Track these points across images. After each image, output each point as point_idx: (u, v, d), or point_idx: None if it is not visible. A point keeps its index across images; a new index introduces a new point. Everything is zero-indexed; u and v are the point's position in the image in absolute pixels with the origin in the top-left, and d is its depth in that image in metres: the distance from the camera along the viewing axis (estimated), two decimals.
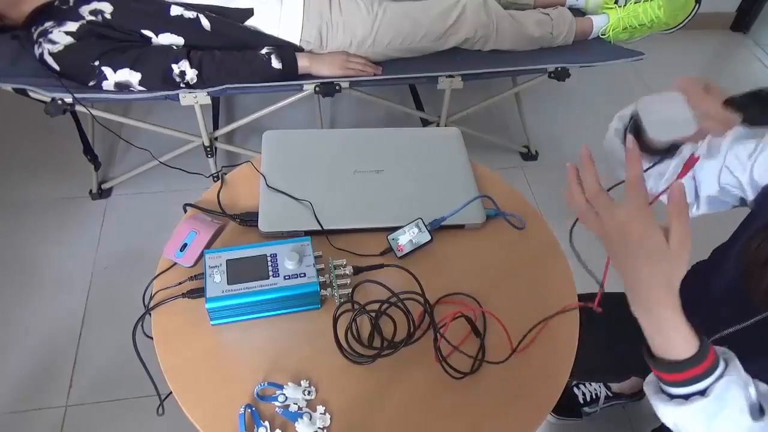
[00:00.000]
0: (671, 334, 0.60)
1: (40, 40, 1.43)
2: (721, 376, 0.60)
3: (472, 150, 1.12)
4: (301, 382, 0.80)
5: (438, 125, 1.86)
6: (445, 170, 1.07)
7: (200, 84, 1.49)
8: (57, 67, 1.42)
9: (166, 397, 0.84)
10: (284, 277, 0.84)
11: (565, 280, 0.96)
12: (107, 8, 1.45)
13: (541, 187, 1.97)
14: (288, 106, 1.65)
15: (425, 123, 1.98)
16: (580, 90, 2.26)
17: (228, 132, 1.82)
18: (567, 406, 1.48)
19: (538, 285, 0.93)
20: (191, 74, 1.46)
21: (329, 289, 0.87)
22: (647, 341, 0.63)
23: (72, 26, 1.42)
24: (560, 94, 2.24)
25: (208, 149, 1.73)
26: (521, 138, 2.11)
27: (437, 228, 0.98)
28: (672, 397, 0.62)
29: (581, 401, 1.47)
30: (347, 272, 0.88)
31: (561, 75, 1.70)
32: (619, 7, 1.79)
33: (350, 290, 0.87)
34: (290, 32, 1.57)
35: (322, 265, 0.88)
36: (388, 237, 0.95)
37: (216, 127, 1.91)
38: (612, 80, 2.32)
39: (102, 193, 1.80)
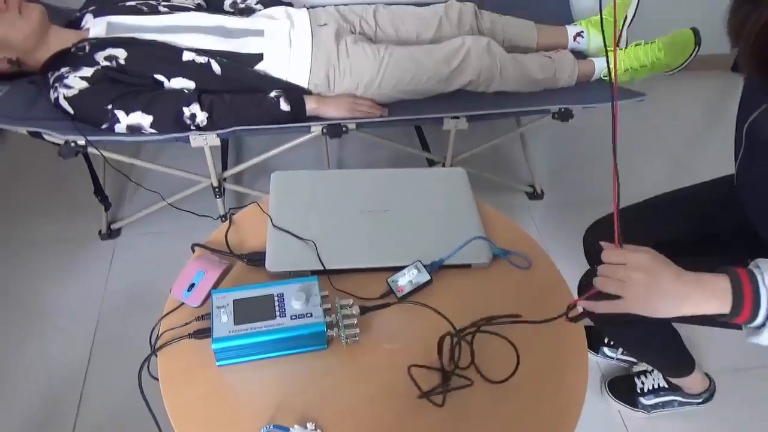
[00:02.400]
0: (712, 305, 0.74)
1: (56, 84, 1.47)
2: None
3: (477, 190, 1.13)
4: (308, 424, 0.79)
5: (443, 165, 1.88)
6: (451, 210, 1.08)
7: (210, 126, 1.52)
8: (71, 111, 1.46)
9: None
10: (291, 317, 0.84)
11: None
12: (121, 54, 1.49)
13: (547, 226, 1.97)
14: (296, 147, 1.68)
15: (431, 163, 2.00)
16: (583, 130, 2.28)
17: (236, 172, 1.84)
18: (625, 392, 1.50)
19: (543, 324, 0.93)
20: (202, 117, 1.50)
21: (336, 329, 0.87)
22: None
23: (87, 71, 1.46)
24: (564, 134, 2.27)
25: (217, 190, 1.75)
26: (526, 177, 2.12)
27: (443, 267, 0.98)
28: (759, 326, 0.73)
29: (639, 391, 1.49)
30: (354, 312, 0.88)
31: (564, 116, 1.73)
32: (620, 49, 1.83)
33: (357, 330, 0.87)
34: (299, 76, 1.61)
35: (329, 305, 0.88)
36: (388, 280, 0.95)
37: (225, 167, 1.93)
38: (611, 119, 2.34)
39: (111, 234, 1.82)
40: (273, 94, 1.55)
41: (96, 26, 1.57)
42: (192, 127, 1.51)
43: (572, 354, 0.91)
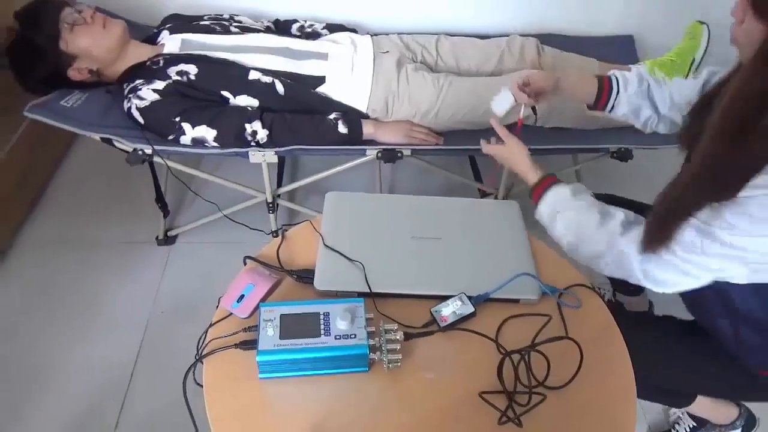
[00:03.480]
0: (529, 176, 1.13)
1: (130, 95, 1.55)
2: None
3: (529, 224, 1.12)
4: None
5: (496, 197, 1.86)
6: (502, 243, 1.07)
7: (270, 143, 1.56)
8: (142, 121, 1.53)
9: None
10: (335, 336, 0.85)
11: (622, 360, 0.92)
12: (192, 70, 1.56)
13: None
14: (349, 169, 1.71)
15: (483, 194, 1.99)
16: (641, 171, 2.22)
17: (290, 190, 1.89)
18: None
19: (591, 363, 0.90)
20: (262, 134, 1.54)
21: (378, 353, 0.87)
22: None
23: (159, 84, 1.54)
24: (621, 174, 2.21)
25: (271, 205, 1.79)
26: None
27: (489, 300, 0.97)
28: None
29: None
30: (398, 337, 0.88)
31: (624, 156, 1.69)
32: None
33: (399, 356, 0.87)
34: (358, 100, 1.64)
35: (373, 328, 0.88)
36: (431, 310, 0.95)
37: (280, 184, 1.98)
38: (675, 163, 2.27)
39: (167, 240, 1.88)
40: (332, 116, 1.59)
41: (171, 42, 1.65)
42: (252, 144, 1.56)
43: (620, 397, 0.88)
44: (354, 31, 1.86)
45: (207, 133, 1.53)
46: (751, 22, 0.81)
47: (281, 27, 1.88)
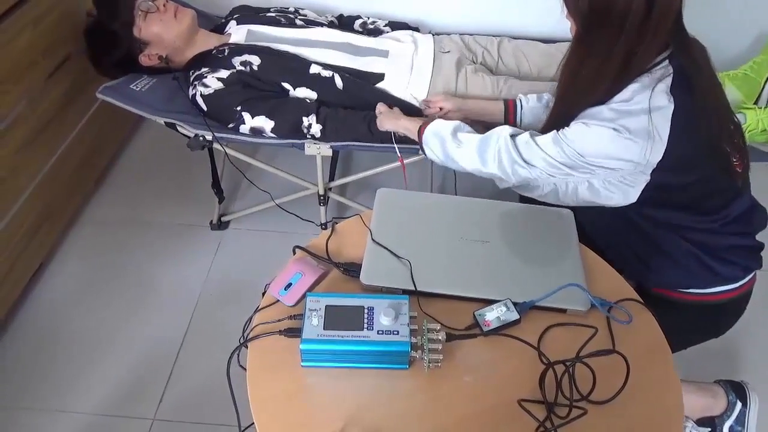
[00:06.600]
0: (412, 130, 1.36)
1: (195, 82, 1.60)
2: None
3: (579, 235, 1.10)
4: None
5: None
6: (552, 251, 1.05)
7: (323, 138, 1.58)
8: (205, 108, 1.58)
9: (245, 429, 0.87)
10: (378, 331, 0.85)
11: (670, 381, 0.89)
12: (256, 61, 1.60)
13: None
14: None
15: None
16: None
17: (342, 184, 1.90)
18: None
19: (636, 381, 0.87)
20: (316, 128, 1.56)
21: (419, 352, 0.87)
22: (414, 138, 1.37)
23: (224, 73, 1.58)
24: None
25: (322, 198, 1.82)
26: None
27: (535, 308, 0.95)
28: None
29: None
30: (440, 338, 0.88)
31: None
32: (759, 108, 1.70)
33: (440, 356, 0.87)
34: (415, 98, 1.64)
35: (416, 327, 0.88)
36: (475, 313, 0.94)
37: (332, 178, 2.00)
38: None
39: (221, 225, 1.94)
40: None
41: (237, 33, 1.70)
42: (308, 136, 1.59)
43: (665, 420, 0.85)
44: (416, 29, 1.86)
45: (265, 123, 1.56)
46: (569, 19, 1.06)
47: (344, 22, 1.90)
